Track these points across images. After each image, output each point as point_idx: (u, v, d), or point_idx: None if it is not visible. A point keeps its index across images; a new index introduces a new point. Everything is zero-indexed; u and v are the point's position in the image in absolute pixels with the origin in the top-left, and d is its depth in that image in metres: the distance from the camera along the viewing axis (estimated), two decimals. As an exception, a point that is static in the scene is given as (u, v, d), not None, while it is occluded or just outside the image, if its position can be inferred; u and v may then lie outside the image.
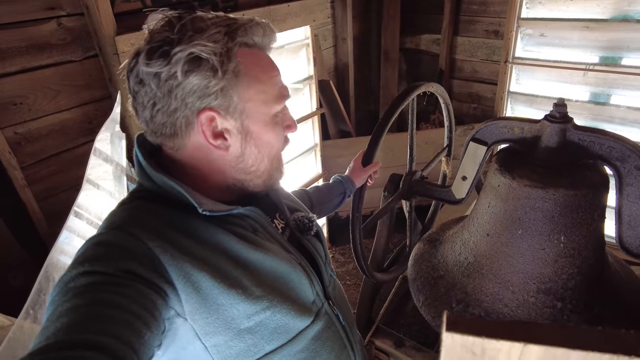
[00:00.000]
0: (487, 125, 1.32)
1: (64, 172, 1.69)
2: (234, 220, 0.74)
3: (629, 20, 2.52)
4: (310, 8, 2.50)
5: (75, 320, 0.52)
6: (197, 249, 0.67)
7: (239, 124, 0.71)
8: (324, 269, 0.89)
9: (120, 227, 0.66)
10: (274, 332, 0.72)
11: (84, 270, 0.57)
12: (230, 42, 0.66)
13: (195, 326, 0.66)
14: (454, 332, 0.30)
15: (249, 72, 0.68)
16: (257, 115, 0.72)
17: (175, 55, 0.62)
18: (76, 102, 1.68)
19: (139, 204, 0.72)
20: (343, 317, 0.88)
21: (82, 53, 1.66)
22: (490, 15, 3.08)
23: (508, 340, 0.29)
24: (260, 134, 0.73)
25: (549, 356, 0.29)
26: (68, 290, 0.56)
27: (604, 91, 2.80)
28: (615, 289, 1.30)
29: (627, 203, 1.17)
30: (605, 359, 0.27)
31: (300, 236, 0.87)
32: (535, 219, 1.20)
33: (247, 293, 0.69)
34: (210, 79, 0.64)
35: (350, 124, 3.27)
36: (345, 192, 1.38)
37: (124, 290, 0.56)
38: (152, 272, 0.61)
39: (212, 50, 0.63)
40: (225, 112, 0.68)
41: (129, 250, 0.62)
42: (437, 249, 1.55)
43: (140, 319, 0.55)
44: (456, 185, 1.50)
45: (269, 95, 0.72)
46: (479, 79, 3.32)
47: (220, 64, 0.64)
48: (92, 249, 0.62)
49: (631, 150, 1.12)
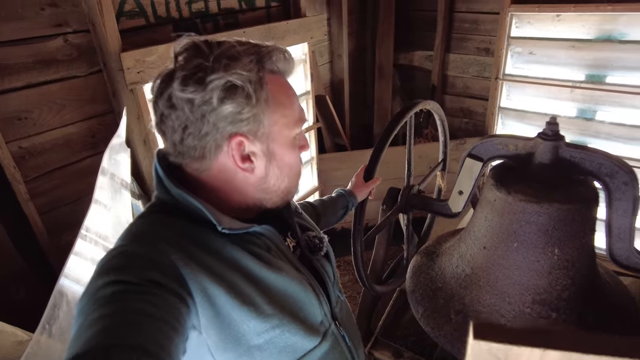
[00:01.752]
0: (483, 142, 1.38)
1: (67, 185, 1.70)
2: (249, 239, 0.75)
3: (612, 40, 2.63)
4: (308, 26, 2.56)
5: (110, 326, 0.53)
6: (214, 264, 0.69)
7: (265, 147, 0.73)
8: (332, 290, 0.90)
9: (142, 239, 0.68)
10: (282, 350, 0.73)
11: (109, 280, 0.59)
12: (262, 71, 0.69)
13: (208, 341, 0.67)
14: (480, 339, 0.34)
15: (275, 98, 0.71)
16: (280, 138, 0.75)
17: (212, 82, 0.64)
18: (80, 117, 1.70)
19: (158, 217, 0.73)
20: (349, 338, 0.89)
21: (87, 68, 1.69)
22: (481, 34, 3.18)
23: (529, 346, 0.33)
24: (283, 155, 0.77)
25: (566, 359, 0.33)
26: (96, 300, 0.57)
27: (590, 107, 2.90)
28: (606, 299, 1.36)
29: (616, 217, 1.23)
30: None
31: (311, 256, 0.88)
32: (530, 232, 1.25)
33: (259, 311, 0.70)
34: (244, 106, 0.67)
35: (346, 137, 3.33)
36: (348, 205, 1.41)
37: (150, 298, 0.58)
38: (175, 282, 0.63)
39: (247, 78, 0.66)
40: (253, 137, 0.71)
41: (152, 261, 0.63)
42: (435, 261, 1.59)
43: (169, 325, 0.57)
44: (453, 199, 1.54)
45: (290, 119, 0.75)
46: (470, 94, 3.41)
47: (254, 91, 0.67)
48: (116, 259, 0.63)
49: (619, 167, 1.18)
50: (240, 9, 2.33)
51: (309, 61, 2.79)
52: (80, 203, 1.73)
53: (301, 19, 2.52)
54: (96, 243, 1.22)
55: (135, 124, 1.81)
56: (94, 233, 1.23)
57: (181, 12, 2.04)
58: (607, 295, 1.37)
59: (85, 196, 1.46)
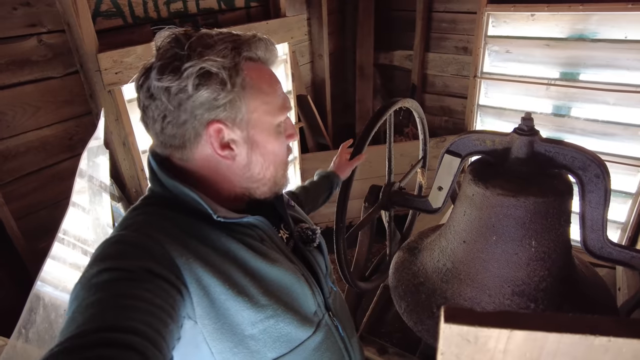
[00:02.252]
0: (461, 139, 1.41)
1: (43, 189, 1.67)
2: (242, 230, 0.76)
3: (584, 39, 2.71)
4: (289, 26, 2.56)
5: (104, 310, 0.53)
6: (209, 255, 0.70)
7: (245, 135, 0.74)
8: (324, 281, 0.91)
9: (137, 229, 0.68)
10: (277, 340, 0.75)
11: (105, 267, 0.59)
12: (237, 57, 0.69)
13: (204, 330, 0.68)
14: (451, 323, 0.35)
15: (254, 85, 0.72)
16: (261, 125, 0.75)
17: (187, 70, 0.65)
18: (57, 119, 1.67)
19: (153, 209, 0.74)
20: (342, 328, 0.90)
21: (63, 69, 1.66)
22: (459, 33, 3.23)
23: (497, 327, 0.35)
24: (265, 143, 0.76)
25: (531, 339, 0.34)
26: (92, 286, 0.57)
27: (565, 104, 2.98)
28: (581, 289, 1.40)
29: (589, 209, 1.27)
30: (576, 339, 0.33)
31: (303, 247, 0.89)
32: (508, 225, 1.28)
33: (253, 301, 0.71)
34: (219, 92, 0.67)
35: (328, 137, 3.34)
36: (333, 186, 1.41)
37: (146, 285, 0.58)
38: (169, 272, 0.63)
39: (221, 64, 0.67)
40: (232, 124, 0.72)
41: (147, 250, 0.64)
42: (417, 256, 1.61)
43: (164, 311, 0.57)
44: (433, 195, 1.57)
45: (272, 106, 0.75)
46: (450, 93, 3.46)
47: (228, 77, 0.68)
48: (111, 247, 0.64)
49: (591, 160, 1.22)
50: (220, 9, 2.31)
51: (290, 61, 2.79)
52: (59, 207, 1.70)
53: (281, 19, 2.53)
54: (74, 246, 1.20)
55: (113, 125, 1.78)
56: (72, 236, 1.21)
57: (159, 12, 2.02)
58: (582, 285, 1.41)
59: (64, 199, 1.43)
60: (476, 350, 0.36)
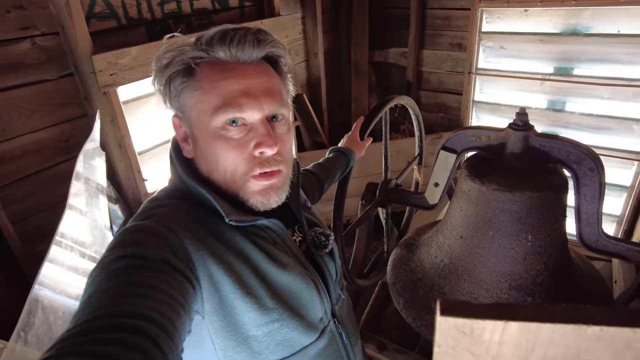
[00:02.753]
0: (456, 135, 1.41)
1: (40, 192, 1.67)
2: (256, 231, 0.76)
3: (578, 34, 2.72)
4: (283, 24, 2.57)
5: (121, 296, 0.54)
6: (224, 253, 0.70)
7: (190, 132, 0.75)
8: (333, 287, 0.90)
9: (158, 219, 0.69)
10: (280, 344, 0.75)
11: (123, 254, 0.60)
12: (192, 52, 0.71)
13: (210, 327, 0.69)
14: (446, 315, 0.36)
15: (196, 83, 0.72)
16: (199, 124, 0.73)
17: (168, 67, 0.72)
18: (52, 121, 1.67)
19: (174, 202, 0.74)
20: (347, 336, 0.90)
21: (57, 72, 1.66)
22: (453, 30, 3.24)
23: (492, 319, 0.35)
24: (205, 144, 0.73)
25: (525, 330, 0.35)
26: (110, 272, 0.57)
27: (560, 99, 2.99)
28: (578, 282, 1.41)
29: (584, 202, 1.28)
30: (569, 329, 0.34)
31: (315, 252, 0.87)
32: (504, 220, 1.29)
33: (260, 303, 0.71)
34: (174, 84, 0.73)
35: (324, 135, 3.34)
36: (349, 162, 1.42)
37: (162, 275, 0.59)
38: (184, 265, 0.64)
39: (178, 59, 0.71)
40: (182, 117, 0.75)
41: (166, 241, 0.64)
42: (414, 253, 1.62)
43: (177, 302, 0.58)
44: (429, 192, 1.58)
45: (209, 105, 0.71)
46: (445, 89, 3.47)
47: (175, 72, 0.71)
48: (131, 235, 0.65)
49: (585, 154, 1.23)
50: (214, 9, 2.31)
51: (285, 60, 2.79)
52: (56, 209, 1.70)
53: (275, 18, 2.53)
54: (72, 249, 1.20)
55: (109, 127, 1.78)
56: (69, 239, 1.21)
57: (153, 13, 2.02)
58: (578, 277, 1.42)
59: (60, 202, 1.43)
60: (472, 342, 0.37)
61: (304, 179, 1.18)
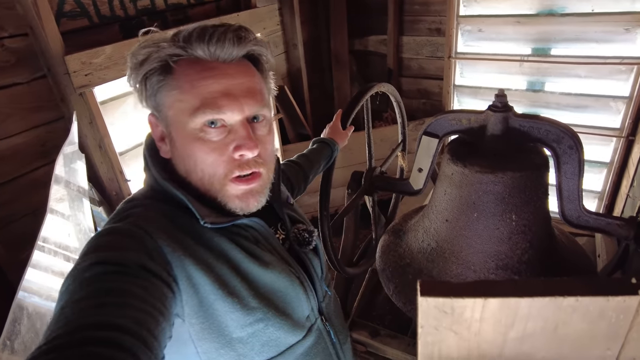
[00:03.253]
0: (437, 119, 1.42)
1: (19, 199, 1.63)
2: (237, 231, 0.75)
3: (554, 14, 2.75)
4: (260, 16, 2.53)
5: (95, 306, 0.52)
6: (202, 253, 0.69)
7: (168, 131, 0.73)
8: (319, 284, 0.89)
9: (132, 221, 0.67)
10: (265, 344, 0.74)
11: (97, 260, 0.58)
12: (168, 49, 0.69)
13: (191, 329, 0.68)
14: (427, 296, 0.36)
15: (173, 81, 0.69)
16: (177, 124, 0.71)
17: (143, 64, 0.70)
18: (27, 126, 1.63)
19: (150, 203, 0.72)
20: (335, 333, 0.89)
21: (29, 74, 1.61)
22: (431, 15, 3.24)
23: (472, 297, 0.36)
24: (183, 145, 0.71)
25: (505, 306, 0.36)
26: (83, 280, 0.56)
27: (539, 79, 3.02)
28: (563, 258, 1.44)
29: (565, 180, 1.30)
30: (546, 301, 0.34)
31: (299, 249, 0.86)
32: (488, 201, 1.30)
33: (243, 303, 0.70)
34: (150, 82, 0.70)
35: (309, 127, 3.33)
36: (333, 153, 1.42)
37: (138, 281, 0.58)
38: (162, 268, 0.63)
39: (155, 57, 0.69)
40: (159, 118, 0.73)
41: (141, 244, 0.63)
42: (402, 238, 1.64)
43: (155, 309, 0.57)
44: (414, 177, 1.59)
45: (187, 105, 0.69)
46: (426, 75, 3.48)
47: (152, 69, 0.69)
48: (105, 238, 0.63)
49: (564, 132, 1.25)
50: (189, 3, 2.27)
51: (264, 53, 2.76)
52: (38, 215, 1.66)
53: (252, 10, 2.49)
54: (56, 254, 1.18)
55: (88, 128, 1.75)
56: (52, 243, 1.19)
57: (126, 10, 1.97)
58: (563, 253, 1.45)
59: (41, 208, 1.40)
60: (454, 320, 0.37)
61: (289, 170, 1.17)
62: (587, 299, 0.33)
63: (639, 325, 0.35)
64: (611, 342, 0.37)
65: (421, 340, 0.38)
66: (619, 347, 0.37)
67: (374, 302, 2.14)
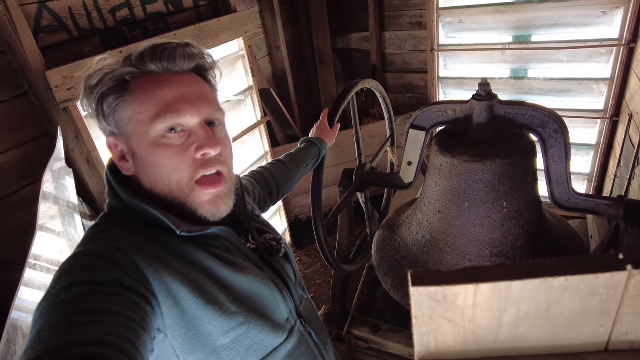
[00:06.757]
0: (423, 112, 1.43)
1: (8, 218, 1.60)
2: (208, 241, 0.75)
3: (532, 1, 2.78)
4: (241, 20, 2.52)
5: (74, 325, 0.51)
6: (177, 264, 0.69)
7: (128, 147, 0.73)
8: (294, 289, 0.90)
9: (104, 242, 0.66)
10: (249, 349, 0.74)
11: (71, 282, 0.57)
12: (123, 69, 0.71)
13: (174, 342, 0.67)
14: (418, 286, 0.36)
15: (130, 96, 0.71)
16: (138, 136, 0.72)
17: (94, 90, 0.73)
18: (12, 144, 1.60)
19: (115, 224, 0.72)
20: (316, 335, 0.90)
21: (10, 92, 1.59)
22: (412, 9, 3.26)
23: (463, 284, 0.36)
24: (145, 154, 0.72)
25: (497, 290, 0.36)
26: (59, 303, 0.55)
27: (522, 67, 3.05)
28: (555, 241, 1.45)
29: (552, 163, 1.32)
30: (537, 283, 0.35)
31: (269, 258, 0.88)
32: (478, 190, 1.31)
33: (223, 309, 0.71)
34: (105, 104, 0.72)
35: (297, 127, 3.33)
36: (321, 152, 1.42)
37: (116, 298, 0.57)
38: (139, 283, 0.62)
39: (106, 77, 0.70)
40: (119, 136, 0.74)
41: (115, 262, 0.62)
42: (396, 233, 1.64)
43: (136, 323, 0.56)
44: (404, 171, 1.59)
45: (147, 114, 0.70)
46: (410, 69, 3.50)
47: (107, 90, 0.71)
48: (78, 261, 0.63)
49: (548, 117, 1.26)
50: (168, 11, 2.25)
51: (248, 56, 2.75)
52: (28, 234, 1.64)
53: (232, 15, 2.48)
54: (48, 270, 1.17)
55: (74, 143, 1.73)
56: (44, 261, 1.18)
57: (106, 22, 1.95)
58: (555, 236, 1.46)
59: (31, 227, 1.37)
60: (447, 309, 0.37)
61: (251, 185, 1.16)
62: (577, 277, 0.33)
63: (630, 300, 0.36)
64: (603, 319, 0.37)
65: (416, 331, 0.38)
66: (611, 324, 0.38)
67: (373, 298, 2.14)
